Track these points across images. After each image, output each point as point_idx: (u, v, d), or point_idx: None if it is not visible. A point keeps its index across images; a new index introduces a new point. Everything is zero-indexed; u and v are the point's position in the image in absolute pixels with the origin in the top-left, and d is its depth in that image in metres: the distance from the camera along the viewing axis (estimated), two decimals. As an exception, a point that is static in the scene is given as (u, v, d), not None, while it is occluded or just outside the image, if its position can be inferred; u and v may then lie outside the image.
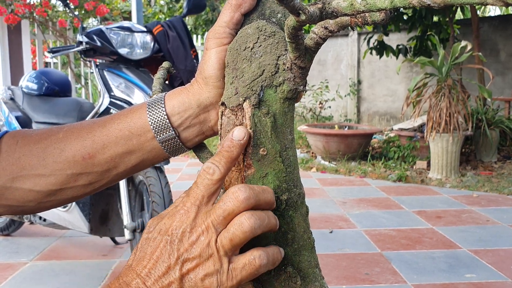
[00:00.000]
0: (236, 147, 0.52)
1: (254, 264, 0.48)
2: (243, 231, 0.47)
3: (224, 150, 0.52)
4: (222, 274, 0.47)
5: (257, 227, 0.48)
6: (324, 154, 6.31)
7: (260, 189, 0.50)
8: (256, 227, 0.48)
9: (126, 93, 2.58)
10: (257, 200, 0.49)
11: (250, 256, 0.48)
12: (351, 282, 2.68)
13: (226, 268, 0.47)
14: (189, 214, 0.49)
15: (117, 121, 0.62)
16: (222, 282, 0.47)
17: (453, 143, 5.15)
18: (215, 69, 0.60)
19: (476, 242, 3.30)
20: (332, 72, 9.85)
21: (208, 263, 0.47)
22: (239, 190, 0.49)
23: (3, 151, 0.65)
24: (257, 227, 0.48)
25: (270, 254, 0.49)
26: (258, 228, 0.48)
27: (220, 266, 0.47)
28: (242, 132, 0.53)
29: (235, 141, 0.53)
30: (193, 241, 0.48)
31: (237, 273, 0.48)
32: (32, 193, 0.64)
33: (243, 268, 0.48)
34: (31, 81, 3.09)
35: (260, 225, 0.48)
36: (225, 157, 0.52)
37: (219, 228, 0.48)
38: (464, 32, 7.86)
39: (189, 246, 0.48)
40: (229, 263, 0.48)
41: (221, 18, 0.60)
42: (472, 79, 6.23)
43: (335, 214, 4.01)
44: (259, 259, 0.48)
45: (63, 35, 6.36)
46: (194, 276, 0.47)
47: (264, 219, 0.49)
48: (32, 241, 3.37)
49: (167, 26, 2.67)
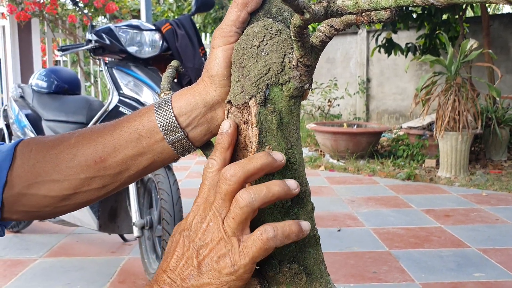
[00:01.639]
0: (225, 137, 0.55)
1: (261, 238, 0.49)
2: (239, 207, 0.49)
3: (216, 143, 0.56)
4: (234, 254, 0.49)
5: (254, 200, 0.49)
6: (333, 152, 6.30)
7: (246, 160, 0.52)
8: (252, 200, 0.49)
9: (135, 91, 2.60)
10: (244, 171, 0.50)
11: (257, 232, 0.50)
12: (359, 280, 2.67)
13: (237, 247, 0.49)
14: (199, 207, 0.53)
15: (126, 125, 0.64)
16: (235, 260, 0.49)
17: (462, 141, 5.12)
18: (222, 67, 0.61)
19: (485, 241, 3.29)
20: (341, 70, 9.82)
21: (219, 246, 0.50)
22: (226, 170, 0.51)
23: (18, 159, 0.66)
24: (253, 200, 0.49)
25: (278, 227, 0.50)
26: (255, 201, 0.49)
27: (231, 246, 0.49)
28: (228, 123, 0.56)
29: (223, 132, 0.56)
30: (204, 229, 0.51)
31: (248, 250, 0.49)
32: (47, 199, 0.65)
33: (252, 244, 0.49)
34: (41, 79, 3.11)
35: (256, 197, 0.50)
36: (218, 149, 0.55)
37: (222, 211, 0.50)
38: (474, 30, 7.80)
39: (202, 234, 0.51)
40: (239, 242, 0.50)
41: (228, 17, 0.60)
42: (482, 78, 6.19)
43: (343, 212, 4.00)
44: (265, 233, 0.49)
45: (73, 33, 6.40)
46: (210, 260, 0.50)
47: (262, 190, 0.50)
48: (42, 238, 3.41)
49: (175, 24, 2.68)
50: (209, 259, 0.50)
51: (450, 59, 5.32)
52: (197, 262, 0.50)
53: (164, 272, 0.52)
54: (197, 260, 0.50)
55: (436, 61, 5.42)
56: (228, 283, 0.50)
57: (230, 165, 0.52)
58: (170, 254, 0.52)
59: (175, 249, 0.52)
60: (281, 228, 0.50)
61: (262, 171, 0.52)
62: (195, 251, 0.50)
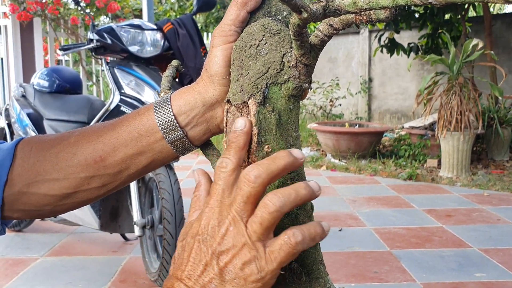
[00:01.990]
0: (240, 135, 0.53)
1: (290, 243, 0.47)
2: (269, 212, 0.47)
3: (231, 142, 0.53)
4: (261, 260, 0.47)
5: (283, 205, 0.47)
6: (334, 152, 6.30)
7: (269, 161, 0.49)
8: (282, 205, 0.47)
9: (136, 91, 2.60)
10: (269, 173, 0.48)
11: (284, 236, 0.47)
12: (360, 280, 2.67)
13: (263, 253, 0.47)
14: (214, 210, 0.49)
15: (126, 124, 0.64)
16: (262, 267, 0.47)
17: (464, 141, 5.11)
18: (221, 66, 0.61)
19: (487, 241, 3.28)
20: (343, 69, 9.81)
21: (243, 252, 0.47)
22: (248, 171, 0.48)
23: (18, 158, 0.66)
24: (282, 204, 0.47)
25: (305, 230, 0.48)
26: (284, 205, 0.47)
27: (257, 251, 0.47)
28: (243, 121, 0.54)
29: (238, 130, 0.53)
30: (223, 233, 0.48)
31: (275, 255, 0.47)
32: (47, 197, 0.66)
33: (280, 249, 0.47)
34: (43, 78, 3.12)
35: (286, 202, 0.47)
36: (233, 147, 0.52)
37: (243, 215, 0.48)
38: (476, 30, 7.79)
39: (221, 239, 0.48)
40: (265, 247, 0.47)
41: (227, 16, 0.60)
42: (484, 77, 6.18)
43: (344, 212, 4.00)
44: (293, 237, 0.47)
45: (75, 32, 6.40)
46: (233, 267, 0.47)
47: (290, 194, 0.48)
48: (43, 237, 3.41)
49: (177, 24, 2.68)
50: (232, 266, 0.47)
51: (452, 58, 5.31)
52: (219, 269, 0.47)
53: (180, 281, 0.48)
54: (218, 267, 0.47)
55: (439, 61, 5.41)
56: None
57: (252, 166, 0.49)
58: (184, 261, 0.49)
59: (189, 255, 0.49)
60: (307, 231, 0.48)
61: (285, 172, 0.50)
62: (216, 258, 0.47)
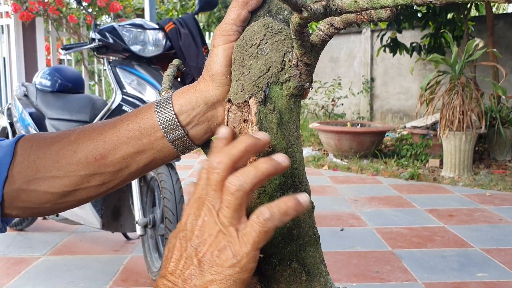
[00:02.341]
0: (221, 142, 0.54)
1: (259, 221, 0.47)
2: (231, 193, 0.47)
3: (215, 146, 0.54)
4: (234, 244, 0.47)
5: (243, 183, 0.47)
6: (336, 151, 6.29)
7: (229, 146, 0.50)
8: (242, 183, 0.47)
9: (138, 90, 2.60)
10: (230, 157, 0.49)
11: (253, 216, 0.47)
12: (362, 280, 2.67)
13: (236, 237, 0.47)
14: (192, 206, 0.51)
15: (127, 122, 0.64)
16: (237, 251, 0.47)
17: (466, 141, 5.10)
18: (222, 66, 0.61)
19: (489, 241, 3.28)
20: (345, 69, 9.81)
21: (218, 239, 0.48)
22: (211, 160, 0.49)
23: (18, 155, 0.66)
24: (242, 183, 0.47)
25: (273, 206, 0.48)
26: (245, 183, 0.47)
27: (230, 237, 0.47)
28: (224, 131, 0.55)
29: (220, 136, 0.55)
30: (200, 225, 0.49)
31: (248, 237, 0.47)
32: (47, 195, 0.66)
33: (251, 229, 0.47)
34: (45, 77, 3.12)
35: (246, 179, 0.47)
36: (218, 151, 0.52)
37: (216, 203, 0.48)
38: (479, 29, 7.77)
39: (199, 231, 0.49)
40: (238, 232, 0.48)
41: (228, 15, 0.60)
42: (486, 77, 6.17)
43: (346, 212, 4.00)
44: (261, 215, 0.47)
45: (77, 32, 6.41)
46: (210, 256, 0.48)
47: (250, 171, 0.48)
48: (45, 236, 3.42)
49: (179, 23, 2.68)
50: (209, 254, 0.48)
51: (454, 58, 5.31)
52: (197, 260, 0.48)
53: (164, 277, 0.50)
54: (197, 258, 0.48)
55: (441, 60, 5.40)
56: (233, 276, 0.47)
57: (214, 153, 0.50)
58: (168, 259, 0.50)
59: (172, 253, 0.50)
60: (276, 207, 0.48)
61: (248, 153, 0.50)
62: (194, 250, 0.48)
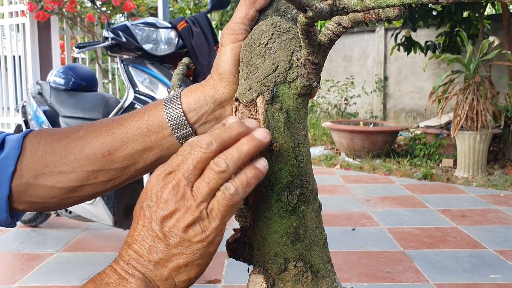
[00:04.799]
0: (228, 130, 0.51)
1: (225, 197, 0.48)
2: (216, 172, 0.48)
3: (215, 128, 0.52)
4: (204, 220, 0.48)
5: (228, 166, 0.48)
6: (349, 151, 6.27)
7: (220, 130, 0.50)
8: (227, 166, 0.48)
9: (150, 89, 2.62)
10: (221, 141, 0.49)
11: (218, 192, 0.48)
12: (372, 279, 2.66)
13: (205, 213, 0.48)
14: (158, 177, 0.49)
15: (135, 119, 0.64)
16: (205, 226, 0.48)
17: (480, 141, 5.05)
18: (230, 65, 0.61)
19: (502, 242, 3.24)
20: (358, 68, 9.75)
21: (186, 215, 0.47)
22: (201, 138, 0.49)
23: (27, 149, 0.67)
24: (228, 165, 0.48)
25: (236, 181, 0.49)
26: (229, 166, 0.48)
27: (200, 213, 0.47)
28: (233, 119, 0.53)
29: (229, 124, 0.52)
30: (166, 198, 0.48)
31: (215, 212, 0.48)
32: (54, 190, 0.66)
33: (218, 205, 0.48)
34: (59, 76, 3.15)
35: (230, 162, 0.48)
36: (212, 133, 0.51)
37: (191, 178, 0.48)
38: (494, 28, 7.68)
39: (164, 203, 0.48)
40: (207, 208, 0.48)
41: (236, 14, 0.60)
42: (502, 77, 6.09)
43: (358, 211, 3.98)
44: (226, 190, 0.48)
45: (91, 30, 6.46)
46: (177, 231, 0.47)
47: (233, 153, 0.49)
48: (59, 233, 3.45)
49: (191, 22, 2.69)
50: (176, 229, 0.47)
51: (469, 57, 5.25)
52: (163, 234, 0.48)
53: (129, 247, 0.49)
54: (162, 232, 0.48)
55: (455, 60, 5.34)
56: (200, 250, 0.48)
57: (205, 134, 0.50)
58: (133, 228, 0.49)
59: (137, 223, 0.49)
60: (239, 181, 0.49)
61: (236, 141, 0.50)
62: (159, 222, 0.48)
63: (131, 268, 0.48)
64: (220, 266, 2.79)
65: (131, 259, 0.49)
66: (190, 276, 0.49)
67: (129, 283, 0.48)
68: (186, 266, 0.48)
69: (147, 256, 0.48)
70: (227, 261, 2.84)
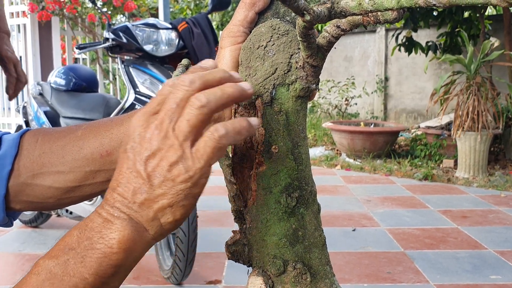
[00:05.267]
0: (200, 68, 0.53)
1: (214, 137, 0.46)
2: (195, 108, 0.46)
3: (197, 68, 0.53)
4: (187, 159, 0.46)
5: (209, 101, 0.47)
6: (349, 151, 6.27)
7: (205, 72, 0.50)
8: (208, 101, 0.47)
9: (151, 89, 2.62)
10: (204, 80, 0.48)
11: (207, 132, 0.47)
12: (373, 280, 2.66)
13: (189, 152, 0.46)
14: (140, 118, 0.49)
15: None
16: (189, 166, 0.46)
17: (481, 141, 5.05)
18: (229, 67, 0.61)
19: (503, 243, 3.24)
20: (359, 68, 9.75)
21: (169, 153, 0.46)
22: (184, 77, 0.48)
23: (24, 149, 0.67)
24: (209, 101, 0.47)
25: (228, 125, 0.48)
26: (211, 102, 0.47)
27: (183, 152, 0.46)
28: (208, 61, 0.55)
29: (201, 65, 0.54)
30: (149, 137, 0.47)
31: (201, 152, 0.46)
32: (52, 190, 0.66)
33: (205, 145, 0.46)
34: (59, 76, 3.16)
35: (212, 98, 0.47)
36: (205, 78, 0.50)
37: (173, 117, 0.47)
38: (495, 28, 7.68)
39: (148, 143, 0.47)
40: (191, 147, 0.47)
41: (235, 17, 0.61)
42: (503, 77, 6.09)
43: (358, 212, 3.98)
44: (216, 131, 0.46)
45: (92, 31, 6.46)
46: (160, 170, 0.46)
47: (216, 92, 0.47)
48: (59, 233, 3.46)
49: (192, 23, 2.70)
50: (160, 169, 0.46)
51: (470, 58, 5.25)
52: (147, 174, 0.46)
53: (113, 190, 0.48)
54: (146, 172, 0.46)
55: (456, 60, 5.34)
56: (184, 191, 0.47)
57: (187, 73, 0.49)
58: (117, 172, 0.48)
59: (122, 166, 0.48)
60: (231, 125, 0.48)
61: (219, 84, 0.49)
62: (143, 163, 0.47)
63: (116, 210, 0.47)
64: (220, 267, 2.79)
65: (116, 202, 0.47)
66: (176, 217, 0.48)
67: (114, 225, 0.46)
68: (170, 207, 0.47)
69: (132, 198, 0.47)
70: (228, 262, 2.85)
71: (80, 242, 0.46)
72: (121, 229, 0.46)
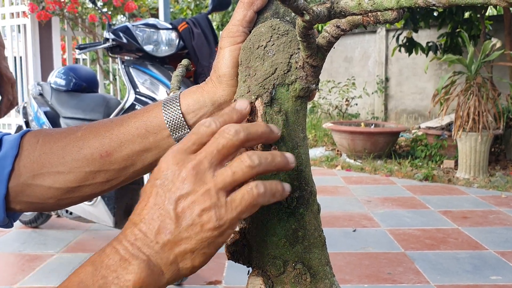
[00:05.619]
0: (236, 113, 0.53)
1: (253, 193, 0.46)
2: (246, 166, 0.46)
3: (223, 113, 0.53)
4: (221, 208, 0.46)
5: (260, 164, 0.47)
6: (350, 152, 6.27)
7: (248, 124, 0.50)
8: (259, 164, 0.47)
9: (151, 90, 2.62)
10: (247, 133, 0.48)
11: (247, 187, 0.47)
12: (373, 281, 2.66)
13: (224, 201, 0.46)
14: (175, 156, 0.48)
15: (133, 120, 0.64)
16: (221, 215, 0.46)
17: (481, 142, 5.05)
18: (229, 67, 0.61)
19: (503, 244, 3.23)
20: (359, 69, 9.75)
21: (204, 198, 0.45)
22: (229, 126, 0.48)
23: (24, 149, 0.67)
24: (259, 163, 0.47)
25: (267, 184, 0.48)
26: (261, 165, 0.47)
27: (217, 199, 0.46)
28: (244, 103, 0.54)
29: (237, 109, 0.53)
30: (184, 177, 0.46)
31: (236, 204, 0.46)
32: (52, 190, 0.66)
33: (242, 198, 0.46)
34: (59, 77, 3.16)
35: (263, 162, 0.47)
36: (224, 117, 0.52)
37: (213, 162, 0.47)
38: (496, 29, 7.68)
39: (181, 182, 0.46)
40: (226, 197, 0.46)
41: (235, 16, 0.61)
42: (504, 78, 6.09)
43: (359, 212, 3.98)
44: (256, 188, 0.46)
45: (92, 31, 6.46)
46: (190, 213, 0.45)
47: (267, 157, 0.48)
48: (59, 234, 3.46)
49: (192, 23, 2.70)
50: (190, 211, 0.45)
51: (470, 58, 5.25)
52: (175, 214, 0.45)
53: (135, 226, 0.47)
54: (175, 212, 0.45)
55: (457, 61, 5.34)
56: (209, 239, 0.46)
57: (232, 124, 0.49)
58: (141, 206, 0.47)
59: (148, 200, 0.47)
60: (269, 186, 0.48)
61: (260, 139, 0.50)
62: (173, 202, 0.46)
63: (135, 249, 0.46)
64: (220, 267, 2.79)
65: (137, 240, 0.46)
66: (194, 263, 0.47)
67: (131, 265, 0.45)
68: (192, 252, 0.46)
69: (155, 237, 0.46)
70: (228, 263, 2.84)
71: (94, 281, 0.45)
72: (138, 271, 0.45)
